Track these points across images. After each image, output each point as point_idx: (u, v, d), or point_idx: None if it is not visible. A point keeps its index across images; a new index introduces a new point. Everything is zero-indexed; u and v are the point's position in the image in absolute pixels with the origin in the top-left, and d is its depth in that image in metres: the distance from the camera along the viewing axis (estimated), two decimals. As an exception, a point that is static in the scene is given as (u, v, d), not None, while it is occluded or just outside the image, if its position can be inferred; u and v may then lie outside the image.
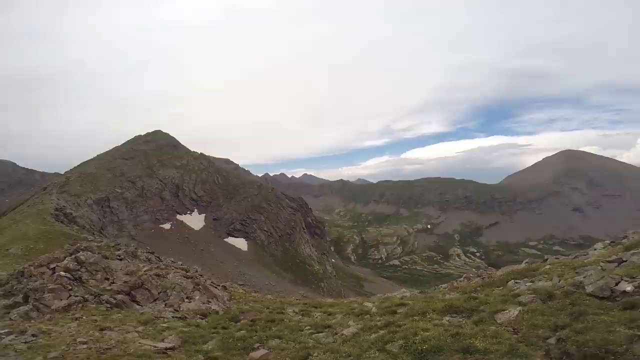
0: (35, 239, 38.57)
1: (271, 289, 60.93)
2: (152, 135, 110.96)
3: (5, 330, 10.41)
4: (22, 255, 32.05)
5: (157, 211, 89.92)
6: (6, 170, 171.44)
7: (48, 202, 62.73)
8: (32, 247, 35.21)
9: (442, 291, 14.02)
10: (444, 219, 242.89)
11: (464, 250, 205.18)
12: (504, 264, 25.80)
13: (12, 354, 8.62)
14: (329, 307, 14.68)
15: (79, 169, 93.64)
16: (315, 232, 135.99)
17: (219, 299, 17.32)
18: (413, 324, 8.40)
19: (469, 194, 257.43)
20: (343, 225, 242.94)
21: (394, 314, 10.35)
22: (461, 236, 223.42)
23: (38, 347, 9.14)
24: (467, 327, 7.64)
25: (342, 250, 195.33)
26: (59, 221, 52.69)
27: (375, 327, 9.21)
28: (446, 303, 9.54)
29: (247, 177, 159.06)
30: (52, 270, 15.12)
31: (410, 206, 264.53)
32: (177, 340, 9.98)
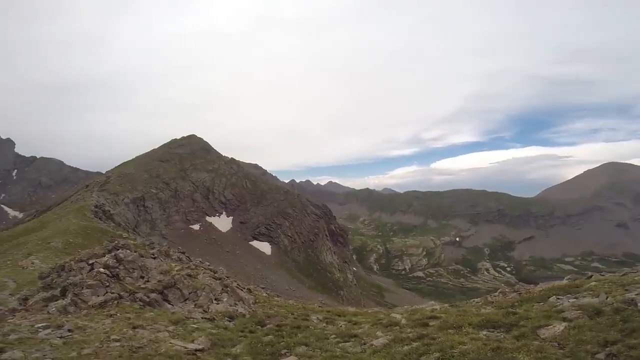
0: (75, 233, 40.81)
1: (291, 294, 61.67)
2: (186, 139, 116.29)
3: (43, 324, 10.58)
4: (62, 249, 34.15)
5: (188, 212, 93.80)
6: (54, 168, 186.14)
7: (89, 199, 66.92)
8: (72, 241, 37.37)
9: (475, 305, 13.72)
10: (474, 231, 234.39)
11: (494, 264, 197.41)
12: (536, 280, 24.77)
13: (48, 348, 8.70)
14: (352, 316, 14.50)
15: (118, 169, 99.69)
16: (338, 240, 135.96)
17: (245, 301, 17.36)
18: (448, 337, 8.23)
19: (502, 206, 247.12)
20: (367, 235, 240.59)
21: (425, 326, 10.18)
22: (491, 250, 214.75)
23: (73, 342, 9.24)
24: (507, 342, 7.43)
25: (365, 260, 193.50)
26: (98, 217, 55.96)
27: (408, 339, 8.97)
28: (483, 317, 9.31)
29: (274, 182, 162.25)
30: (90, 265, 15.37)
31: (438, 218, 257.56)
32: (206, 342, 9.98)
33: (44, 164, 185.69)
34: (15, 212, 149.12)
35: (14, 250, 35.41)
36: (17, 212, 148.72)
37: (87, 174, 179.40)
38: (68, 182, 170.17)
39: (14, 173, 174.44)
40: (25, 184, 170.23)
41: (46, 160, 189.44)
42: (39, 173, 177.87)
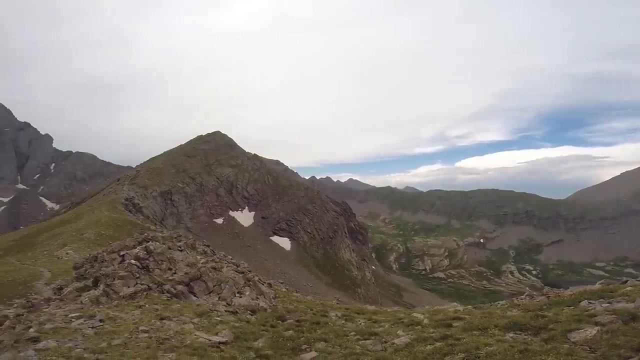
0: (107, 225, 43.06)
1: (308, 290, 62.70)
2: (211, 135, 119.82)
3: (76, 313, 10.95)
4: (94, 240, 36.27)
5: (212, 206, 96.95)
6: (88, 162, 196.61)
7: (120, 192, 70.23)
8: (103, 233, 39.55)
9: (500, 308, 13.39)
10: (499, 233, 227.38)
11: (519, 267, 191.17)
12: (564, 284, 23.71)
13: (80, 338, 8.97)
14: (372, 314, 14.42)
15: (147, 163, 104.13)
16: (358, 238, 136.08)
17: (266, 296, 17.45)
18: (473, 339, 8.15)
19: (530, 208, 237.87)
20: (387, 233, 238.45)
21: (449, 327, 10.04)
22: (517, 252, 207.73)
23: (104, 333, 9.53)
24: (535, 345, 7.31)
25: (384, 258, 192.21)
26: (128, 210, 58.77)
27: (431, 339, 8.88)
28: (509, 319, 9.11)
29: (295, 179, 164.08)
30: (121, 257, 15.74)
31: (462, 218, 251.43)
32: (230, 335, 10.11)
33: (79, 158, 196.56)
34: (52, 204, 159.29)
35: (50, 240, 37.99)
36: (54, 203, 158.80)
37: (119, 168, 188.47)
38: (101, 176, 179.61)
39: (52, 167, 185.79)
40: (62, 177, 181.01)
41: (81, 154, 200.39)
42: (75, 167, 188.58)
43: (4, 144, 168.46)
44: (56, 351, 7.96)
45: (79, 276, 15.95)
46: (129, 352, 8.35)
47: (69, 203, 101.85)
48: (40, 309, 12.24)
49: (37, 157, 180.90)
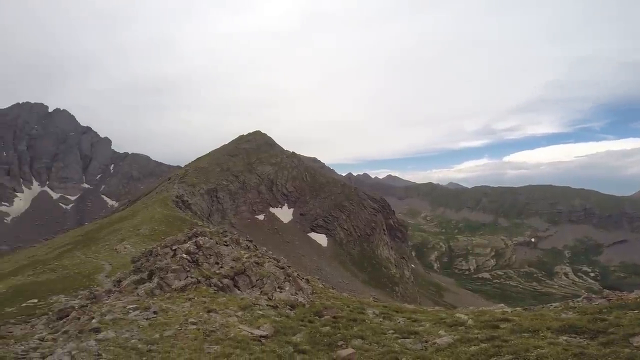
0: (160, 221, 46.01)
1: (344, 287, 62.87)
2: (252, 135, 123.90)
3: (133, 305, 11.67)
4: (149, 235, 38.83)
5: (254, 203, 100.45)
6: (141, 163, 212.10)
7: (171, 190, 74.85)
8: (157, 228, 42.17)
9: (554, 310, 12.87)
10: (553, 232, 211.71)
11: (575, 268, 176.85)
12: (626, 288, 22.00)
13: (136, 329, 9.55)
14: (412, 313, 14.17)
15: (195, 163, 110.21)
16: (397, 235, 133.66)
17: (304, 291, 17.56)
18: (522, 341, 7.89)
19: (589, 205, 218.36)
20: (429, 231, 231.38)
21: (496, 328, 9.69)
22: (573, 253, 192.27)
23: (157, 324, 10.00)
24: (592, 349, 6.96)
25: (425, 257, 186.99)
26: (178, 207, 62.54)
27: (475, 340, 8.65)
28: (564, 322, 8.71)
29: (332, 175, 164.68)
30: (173, 251, 16.42)
31: (511, 216, 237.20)
32: (270, 329, 10.33)
33: (134, 159, 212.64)
34: (112, 202, 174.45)
35: (110, 236, 41.33)
36: (114, 201, 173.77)
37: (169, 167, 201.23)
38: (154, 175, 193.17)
39: (112, 167, 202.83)
40: (120, 177, 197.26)
41: (136, 155, 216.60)
42: (131, 167, 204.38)
43: (70, 148, 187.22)
44: (114, 341, 8.58)
45: (136, 269, 16.95)
46: (178, 343, 8.84)
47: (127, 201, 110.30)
48: (102, 301, 13.44)
49: (98, 159, 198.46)
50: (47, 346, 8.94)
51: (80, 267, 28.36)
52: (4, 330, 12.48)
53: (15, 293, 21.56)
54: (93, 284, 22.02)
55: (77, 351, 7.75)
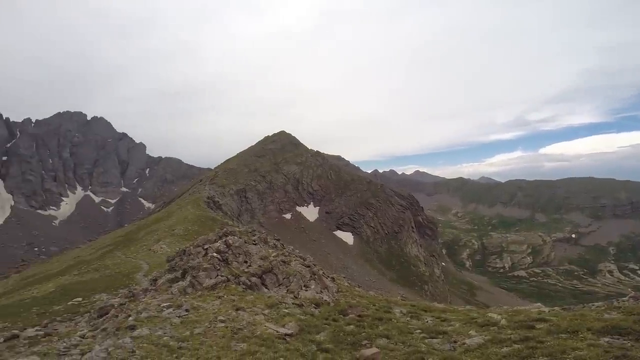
0: (193, 221, 47.73)
1: (371, 286, 62.35)
2: (277, 135, 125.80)
3: (167, 303, 12.10)
4: (183, 235, 40.33)
5: (281, 202, 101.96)
6: (174, 166, 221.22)
7: (202, 191, 77.54)
8: (190, 228, 43.80)
9: (596, 310, 12.23)
10: (596, 227, 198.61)
11: (620, 266, 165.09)
12: None
13: (169, 327, 9.91)
14: (441, 312, 13.79)
15: (224, 165, 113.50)
16: (426, 233, 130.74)
17: (329, 290, 17.70)
18: (559, 342, 7.56)
19: (636, 198, 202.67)
20: (460, 228, 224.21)
21: (531, 329, 9.32)
22: (619, 249, 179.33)
23: (188, 322, 10.33)
24: (636, 351, 6.62)
25: (456, 255, 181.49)
26: (209, 207, 64.61)
27: (508, 341, 8.34)
28: (607, 323, 8.29)
29: (357, 173, 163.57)
30: (205, 250, 16.81)
31: (549, 211, 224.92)
32: (295, 327, 10.42)
33: (168, 163, 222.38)
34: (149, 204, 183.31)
35: (148, 236, 43.47)
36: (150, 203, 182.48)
37: (200, 169, 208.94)
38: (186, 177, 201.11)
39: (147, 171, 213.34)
40: (155, 180, 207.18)
41: (169, 159, 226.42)
42: (165, 171, 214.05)
43: (108, 154, 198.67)
44: (148, 338, 8.96)
45: (170, 268, 17.50)
46: (207, 340, 9.10)
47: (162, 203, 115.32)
48: (139, 299, 13.90)
49: (134, 164, 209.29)
50: (86, 343, 9.51)
51: (121, 266, 30.05)
52: (51, 327, 13.52)
53: (62, 292, 23.14)
54: (132, 282, 23.17)
55: (113, 348, 8.15)
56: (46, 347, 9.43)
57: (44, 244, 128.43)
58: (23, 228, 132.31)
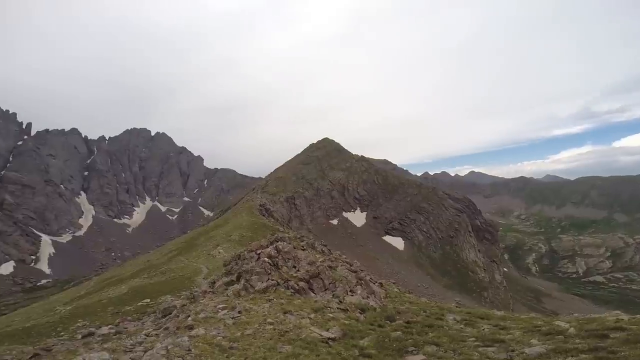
0: (247, 228, 50.38)
1: (423, 292, 60.19)
2: (321, 142, 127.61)
3: (222, 305, 12.69)
4: (238, 241, 42.65)
5: (328, 208, 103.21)
6: (229, 176, 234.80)
7: (255, 199, 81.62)
8: (244, 234, 46.31)
9: None
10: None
11: None
12: None
13: (222, 327, 10.42)
14: (500, 320, 12.85)
15: (273, 173, 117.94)
16: (485, 237, 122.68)
17: (376, 295, 17.59)
18: (636, 353, 6.95)
19: None
20: (524, 231, 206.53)
21: (604, 338, 8.59)
22: None
23: (240, 323, 10.76)
24: None
25: (520, 260, 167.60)
26: (262, 214, 67.74)
27: (574, 351, 7.78)
28: None
29: (406, 176, 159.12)
30: (257, 255, 17.57)
31: (631, 210, 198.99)
32: (338, 332, 10.43)
33: (223, 173, 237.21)
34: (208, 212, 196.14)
35: (207, 242, 46.43)
36: (209, 211, 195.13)
37: (252, 179, 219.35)
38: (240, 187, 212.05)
39: (205, 182, 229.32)
40: (212, 190, 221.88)
41: (224, 170, 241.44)
42: (221, 181, 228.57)
43: (171, 167, 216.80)
44: (203, 338, 9.53)
45: (227, 272, 18.34)
46: (255, 342, 9.48)
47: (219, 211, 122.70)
48: (199, 300, 14.64)
49: (194, 175, 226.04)
50: (150, 341, 10.31)
51: (184, 270, 32.39)
52: (122, 326, 15.01)
53: (133, 293, 25.72)
54: (193, 285, 24.86)
55: (172, 346, 8.75)
56: (115, 344, 10.27)
57: (119, 250, 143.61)
58: (102, 235, 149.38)
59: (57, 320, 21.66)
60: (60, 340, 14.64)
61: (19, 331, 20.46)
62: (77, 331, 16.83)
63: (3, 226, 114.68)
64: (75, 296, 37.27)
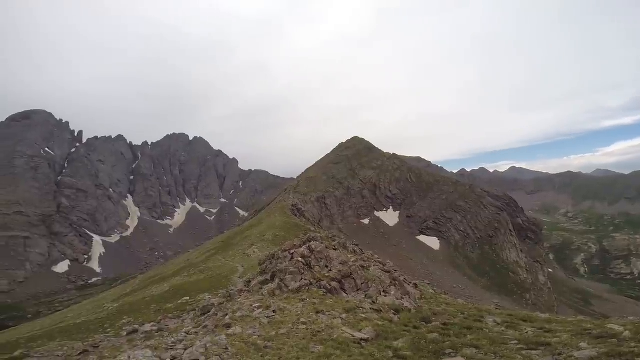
0: (280, 228, 51.35)
1: (459, 293, 57.99)
2: (351, 141, 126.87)
3: (258, 304, 12.96)
4: (272, 240, 43.58)
5: (359, 207, 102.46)
6: (263, 177, 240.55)
7: (287, 200, 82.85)
8: (278, 234, 47.24)
9: None
10: None
11: None
12: None
13: (258, 326, 10.62)
14: (545, 322, 12.43)
15: (304, 174, 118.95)
16: (528, 236, 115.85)
17: (411, 296, 17.36)
18: None
19: None
20: (571, 230, 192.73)
21: None
22: None
23: (274, 322, 10.93)
24: None
25: (567, 260, 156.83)
26: (294, 214, 68.66)
27: (629, 354, 7.48)
28: None
29: (441, 174, 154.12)
30: (291, 255, 17.75)
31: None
32: (371, 333, 10.33)
33: (257, 175, 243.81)
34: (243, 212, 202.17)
35: (243, 241, 47.91)
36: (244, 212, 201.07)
37: (284, 179, 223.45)
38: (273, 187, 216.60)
39: (240, 184, 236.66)
40: (247, 191, 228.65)
41: (258, 172, 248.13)
42: (255, 182, 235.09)
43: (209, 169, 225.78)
44: (240, 337, 9.83)
45: (262, 271, 18.66)
46: (289, 341, 9.63)
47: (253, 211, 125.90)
48: (235, 299, 15.32)
49: (230, 177, 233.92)
50: (189, 339, 10.64)
51: (221, 269, 33.57)
52: (163, 323, 15.83)
53: (174, 291, 26.96)
54: (229, 283, 25.66)
55: (210, 344, 9.07)
56: (157, 342, 10.72)
57: (162, 249, 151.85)
58: (147, 236, 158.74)
59: (104, 317, 22.99)
60: (107, 337, 15.62)
61: (71, 327, 21.81)
62: (123, 328, 17.86)
63: (60, 227, 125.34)
64: (122, 294, 39.64)
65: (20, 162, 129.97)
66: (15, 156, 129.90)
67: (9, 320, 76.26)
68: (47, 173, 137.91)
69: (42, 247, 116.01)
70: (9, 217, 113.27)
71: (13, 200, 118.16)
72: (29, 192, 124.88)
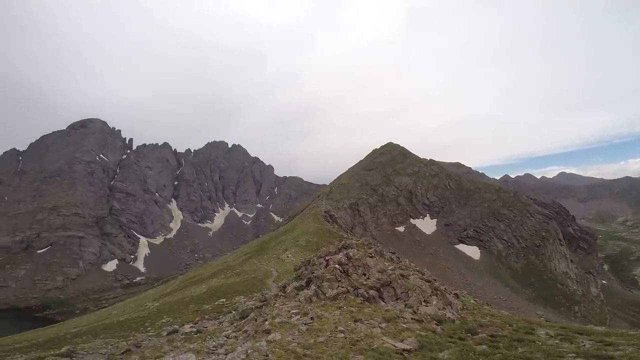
0: (313, 234, 51.84)
1: (501, 304, 54.61)
2: (385, 147, 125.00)
3: (295, 310, 12.90)
4: (305, 246, 44.07)
5: (394, 215, 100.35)
6: (297, 184, 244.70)
7: (320, 206, 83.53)
8: (311, 240, 47.83)
9: None
10: None
11: None
12: None
13: (296, 333, 10.55)
14: (604, 335, 12.02)
15: (337, 180, 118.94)
16: (579, 246, 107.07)
17: (453, 306, 17.00)
18: None
19: None
20: (630, 239, 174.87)
21: None
22: None
23: (312, 330, 10.86)
24: None
25: (625, 271, 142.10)
26: (327, 220, 68.99)
27: None
28: None
29: (482, 180, 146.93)
30: (326, 262, 17.62)
31: None
32: (414, 343, 10.00)
33: (292, 181, 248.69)
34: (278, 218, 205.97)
35: (277, 246, 48.84)
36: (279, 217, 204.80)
37: (317, 186, 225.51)
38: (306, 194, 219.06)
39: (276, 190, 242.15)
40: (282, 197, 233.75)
41: (292, 178, 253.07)
42: (289, 188, 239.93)
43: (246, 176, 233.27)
44: (279, 343, 9.74)
45: (297, 277, 18.65)
46: (327, 349, 9.43)
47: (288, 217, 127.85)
48: (271, 303, 15.40)
49: (266, 183, 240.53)
50: (230, 343, 10.67)
51: (256, 272, 34.32)
52: (201, 325, 16.11)
53: (211, 293, 27.72)
54: (264, 287, 26.11)
55: (251, 350, 9.07)
56: (199, 345, 10.84)
57: (202, 251, 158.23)
58: (188, 238, 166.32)
59: (145, 316, 23.95)
60: (148, 336, 16.17)
61: (114, 324, 22.90)
62: (163, 327, 18.48)
63: (111, 228, 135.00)
64: (163, 293, 41.44)
65: (79, 167, 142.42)
66: (74, 162, 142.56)
67: (58, 315, 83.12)
68: (102, 178, 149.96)
69: (95, 247, 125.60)
70: (68, 217, 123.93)
71: (72, 202, 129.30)
72: (86, 196, 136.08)
